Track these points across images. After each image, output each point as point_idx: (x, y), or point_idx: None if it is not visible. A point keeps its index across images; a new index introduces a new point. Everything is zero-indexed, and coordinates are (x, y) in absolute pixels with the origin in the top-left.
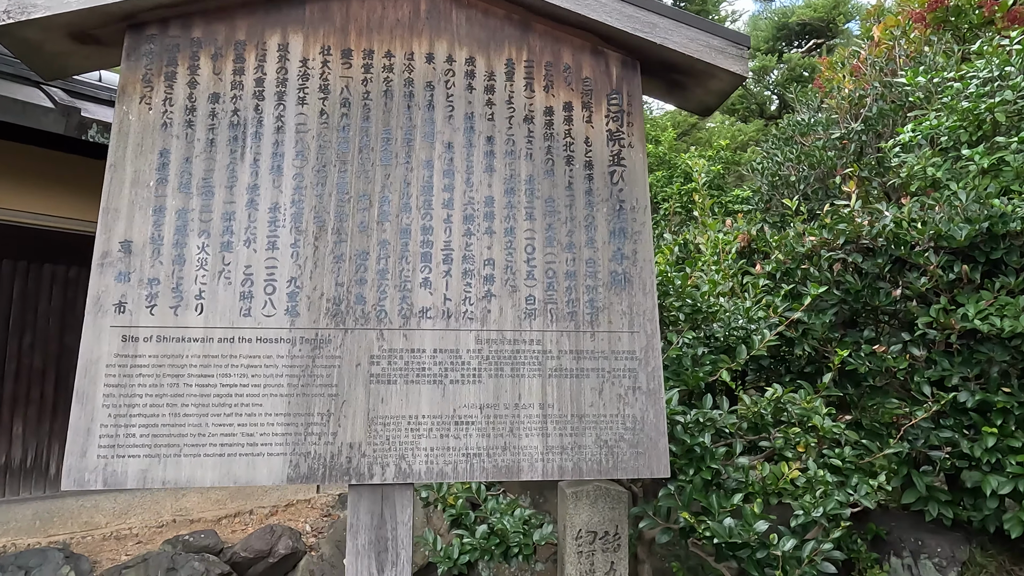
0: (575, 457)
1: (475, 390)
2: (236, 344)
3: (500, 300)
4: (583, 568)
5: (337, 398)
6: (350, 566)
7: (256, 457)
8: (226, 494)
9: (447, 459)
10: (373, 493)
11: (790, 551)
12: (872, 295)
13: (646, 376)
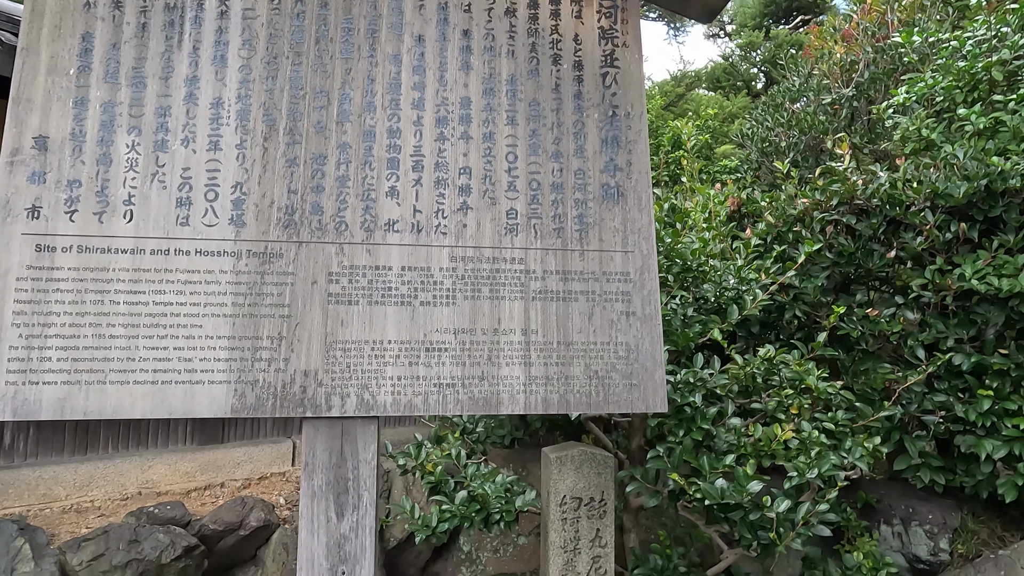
0: (561, 389)
1: (449, 313)
2: (172, 257)
3: (477, 213)
4: (567, 536)
5: (290, 320)
6: (305, 509)
7: (195, 386)
8: (196, 466)
9: (417, 390)
10: (331, 428)
11: (784, 513)
12: (865, 257)
13: (641, 300)
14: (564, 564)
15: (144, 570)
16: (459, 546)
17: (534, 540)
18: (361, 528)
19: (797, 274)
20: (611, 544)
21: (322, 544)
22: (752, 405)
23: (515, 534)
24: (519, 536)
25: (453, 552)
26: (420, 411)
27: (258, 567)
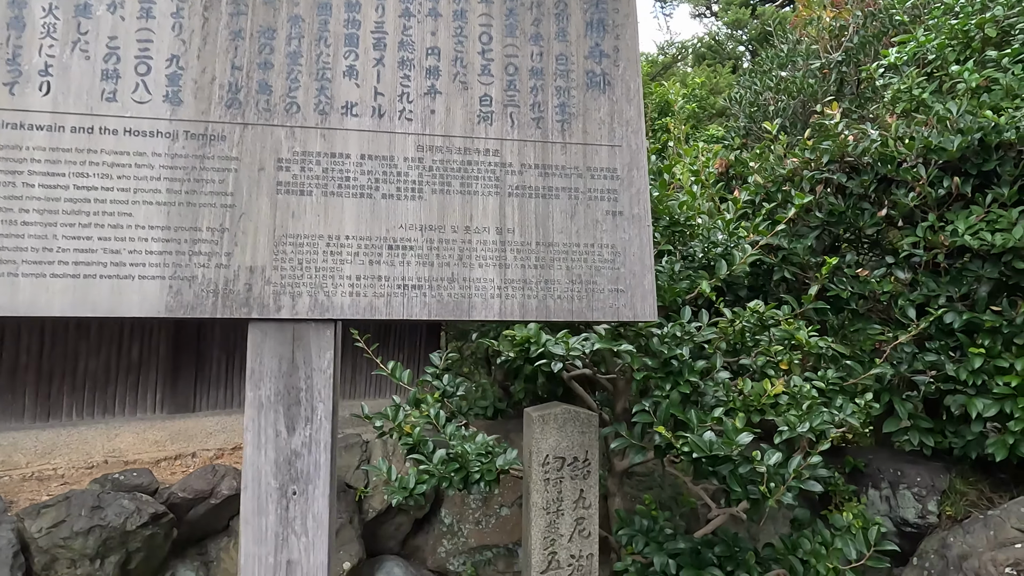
0: (541, 294)
1: (415, 208)
2: (97, 136)
3: (447, 99)
4: (550, 497)
5: (233, 210)
6: (250, 423)
7: (124, 281)
8: (166, 435)
9: (378, 291)
10: (281, 332)
11: (775, 466)
12: (856, 216)
13: (629, 199)
14: (547, 526)
15: (108, 537)
16: (440, 518)
17: (516, 511)
18: (315, 443)
19: (786, 235)
20: (595, 505)
21: (270, 461)
22: (741, 362)
23: (497, 505)
24: (501, 507)
25: (434, 524)
26: (383, 315)
27: (230, 537)
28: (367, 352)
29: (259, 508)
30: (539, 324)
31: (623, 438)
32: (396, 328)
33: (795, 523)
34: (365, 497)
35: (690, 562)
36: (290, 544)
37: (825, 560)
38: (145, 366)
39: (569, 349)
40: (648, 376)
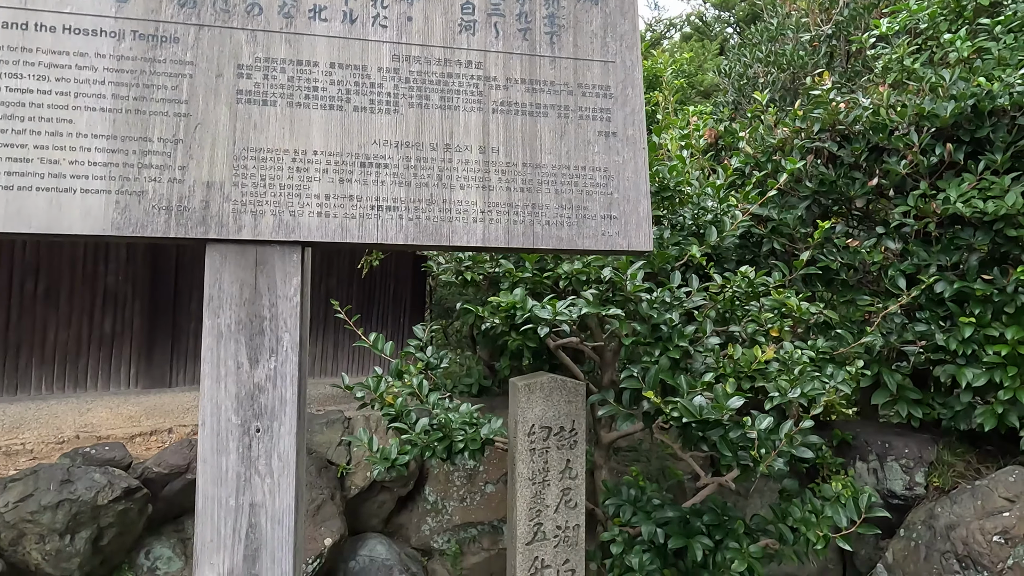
0: (528, 219)
1: (390, 122)
2: (31, 33)
3: (425, 5)
4: (536, 467)
5: (188, 119)
6: (208, 353)
7: (64, 194)
8: (140, 410)
9: (349, 212)
10: (242, 254)
11: (766, 431)
12: (847, 185)
13: (623, 119)
14: (532, 496)
15: (78, 512)
16: (424, 496)
17: (502, 488)
18: (280, 377)
19: (775, 206)
20: (582, 476)
21: (231, 395)
22: (731, 330)
23: (482, 482)
24: (486, 484)
25: (418, 502)
26: (355, 237)
27: None
28: (348, 324)
29: (218, 446)
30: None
31: (611, 405)
32: (379, 302)
33: (783, 494)
34: (347, 474)
35: (678, 531)
36: (253, 485)
37: (815, 528)
38: (119, 339)
39: (556, 314)
40: (637, 342)
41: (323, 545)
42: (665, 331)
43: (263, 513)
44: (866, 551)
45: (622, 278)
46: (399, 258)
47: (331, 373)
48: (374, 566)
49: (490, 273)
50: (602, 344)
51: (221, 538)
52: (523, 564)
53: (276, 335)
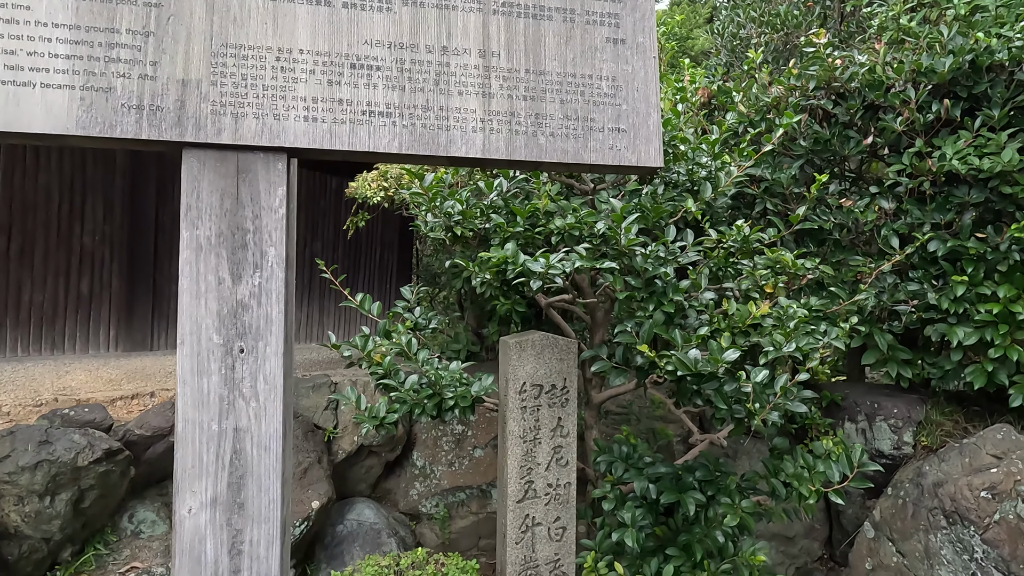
0: (531, 130)
1: (383, 21)
2: None
3: None
4: (527, 425)
5: (160, 9)
6: (187, 267)
7: (22, 89)
8: (121, 373)
9: (339, 117)
10: (223, 161)
11: (761, 384)
12: (841, 144)
13: (633, 25)
14: (523, 455)
15: (57, 473)
16: (412, 461)
17: (491, 452)
18: (265, 294)
19: (769, 165)
20: (573, 434)
21: (212, 313)
22: (725, 286)
23: (471, 446)
24: (475, 448)
25: (406, 467)
26: (345, 144)
27: None
28: (334, 283)
29: (199, 368)
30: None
31: (603, 361)
32: (365, 268)
33: (774, 452)
34: (334, 438)
35: (671, 487)
36: (237, 409)
37: (807, 483)
38: (96, 301)
39: (549, 267)
40: (631, 297)
41: (310, 508)
42: (659, 285)
43: (248, 438)
44: (853, 510)
45: (616, 232)
46: (385, 222)
47: (317, 339)
48: (362, 530)
49: (480, 229)
50: (594, 302)
51: (203, 464)
52: (514, 522)
53: (260, 249)
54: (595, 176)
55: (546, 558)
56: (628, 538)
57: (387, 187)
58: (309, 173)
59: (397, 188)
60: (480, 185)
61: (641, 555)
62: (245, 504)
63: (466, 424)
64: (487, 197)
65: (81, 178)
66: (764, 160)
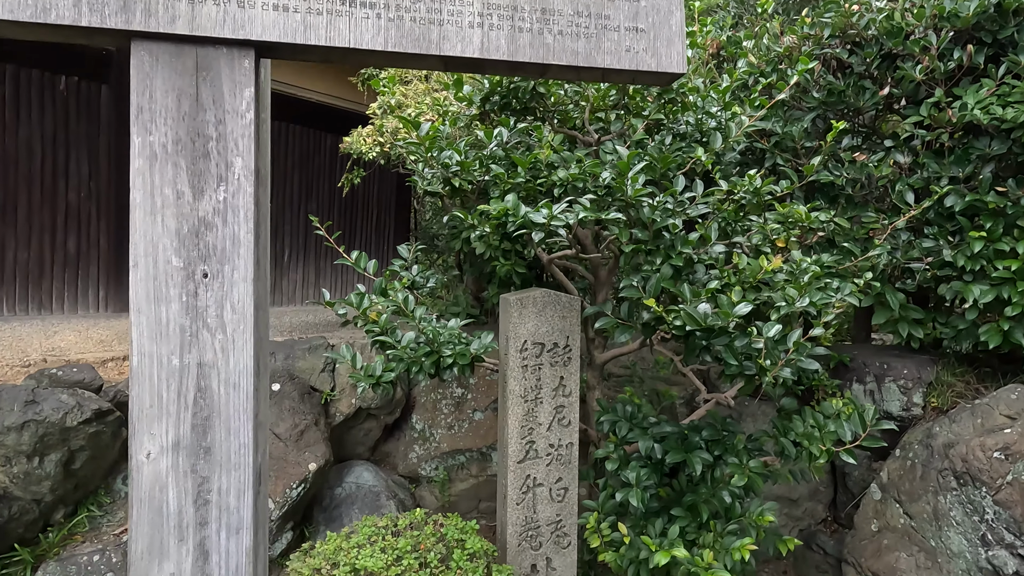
0: (536, 27)
1: None
2: None
3: None
4: (528, 384)
5: None
6: (139, 179)
7: None
8: (112, 334)
9: (314, 6)
10: (179, 56)
11: (774, 339)
12: (856, 95)
13: None
14: (524, 415)
15: (45, 433)
16: (411, 424)
17: (491, 416)
18: (232, 212)
19: (780, 119)
20: (576, 394)
21: (170, 232)
22: (735, 241)
23: (470, 409)
24: (475, 412)
25: (405, 430)
26: (321, 39)
27: None
28: (328, 240)
29: (156, 294)
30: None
31: (608, 318)
32: (362, 229)
33: (782, 412)
34: (332, 400)
35: (677, 446)
36: (201, 341)
37: (817, 442)
38: (84, 260)
39: (551, 218)
40: (637, 250)
41: (307, 470)
42: (667, 238)
43: (215, 375)
44: (859, 472)
45: (622, 182)
46: (382, 182)
47: (312, 301)
48: (360, 492)
49: (479, 182)
50: (597, 258)
51: (163, 404)
52: (514, 482)
53: (225, 159)
54: (599, 127)
55: (547, 519)
56: (633, 498)
57: (383, 142)
58: (303, 130)
59: (392, 143)
60: (479, 135)
61: (645, 516)
62: (212, 449)
63: (466, 387)
64: (487, 148)
65: (64, 133)
66: (774, 113)
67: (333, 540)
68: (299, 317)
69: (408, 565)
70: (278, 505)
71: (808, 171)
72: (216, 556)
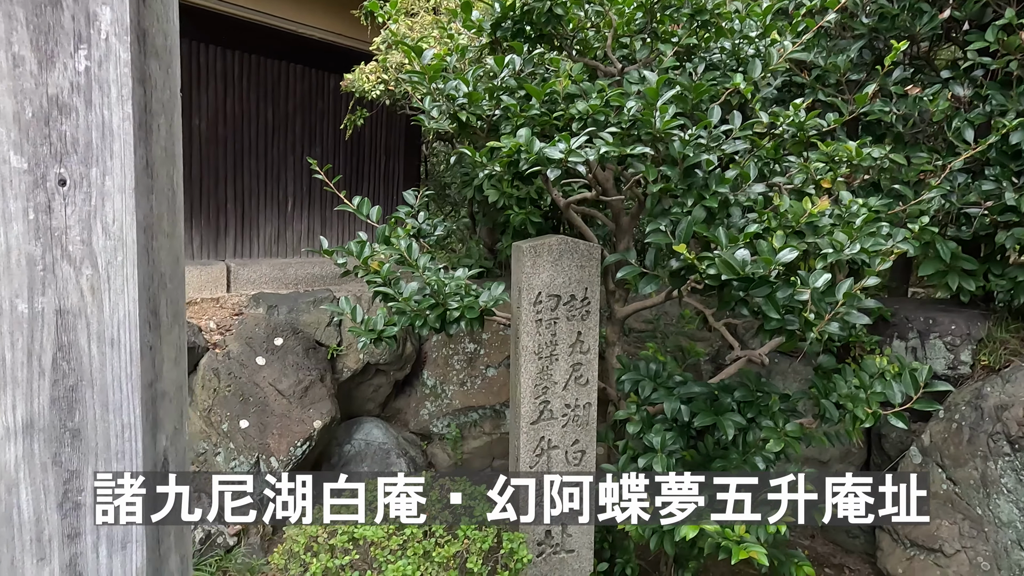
0: None
1: None
2: None
3: None
4: (543, 340)
5: None
6: None
7: None
8: None
9: None
10: None
11: (820, 290)
12: (912, 19)
13: None
14: (538, 373)
15: None
16: (423, 380)
17: (504, 372)
18: (100, 89)
19: (822, 49)
20: (595, 350)
21: (5, 119)
22: (774, 181)
23: (483, 365)
24: (487, 368)
25: (416, 387)
26: None
27: (195, 374)
28: (327, 184)
29: None
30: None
31: (631, 266)
32: (369, 177)
33: (819, 371)
34: (339, 356)
35: (706, 408)
36: (61, 278)
37: (863, 404)
38: None
39: (569, 152)
40: (666, 190)
41: (312, 428)
42: (700, 176)
43: (82, 327)
44: (897, 434)
45: (650, 113)
46: (389, 128)
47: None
48: (370, 450)
49: (488, 116)
50: (619, 201)
51: (7, 369)
52: (527, 444)
53: (85, 9)
54: (623, 55)
55: None
56: (658, 464)
57: (387, 79)
58: (304, 70)
59: (397, 77)
60: (490, 63)
61: None
62: (82, 431)
63: (478, 342)
64: (498, 78)
65: None
66: (816, 43)
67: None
68: (305, 269)
69: (411, 534)
70: (282, 464)
71: (860, 101)
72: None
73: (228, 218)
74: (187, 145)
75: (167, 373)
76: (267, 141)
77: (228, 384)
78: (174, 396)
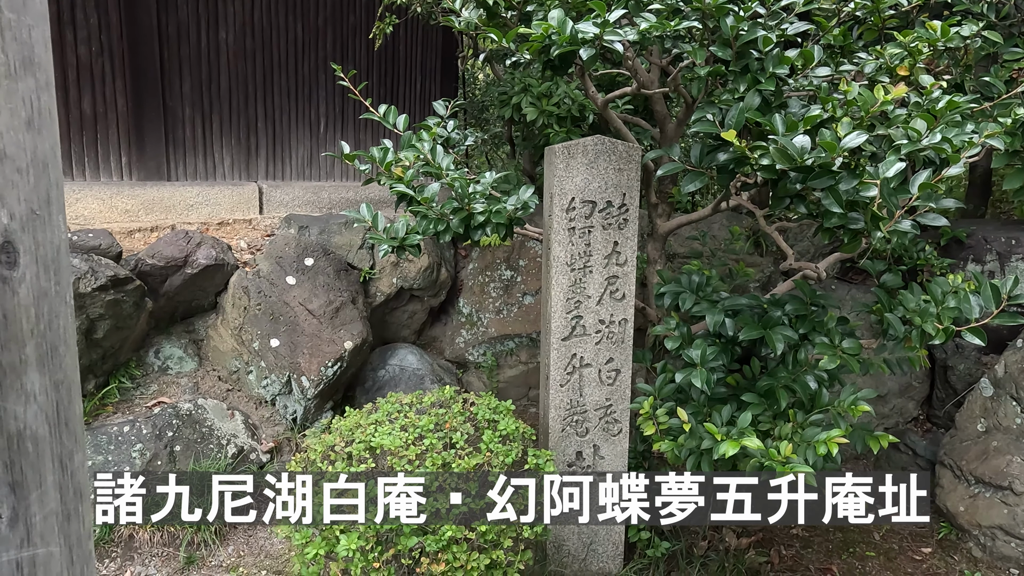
0: None
1: None
2: None
3: None
4: (576, 250)
5: None
6: None
7: None
8: (138, 203)
9: None
10: None
11: (891, 181)
12: None
13: None
14: (571, 285)
15: None
16: (458, 308)
17: (541, 300)
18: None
19: None
20: (632, 263)
21: None
22: (842, 69)
23: (520, 293)
24: (524, 295)
25: (452, 315)
26: None
27: (218, 314)
28: (352, 92)
29: None
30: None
31: (674, 163)
32: (404, 97)
33: (883, 287)
34: (372, 279)
35: (752, 322)
36: None
37: (933, 320)
38: (103, 122)
39: (606, 28)
40: (716, 72)
41: (343, 348)
42: (755, 58)
43: None
44: (965, 366)
45: None
46: (425, 45)
47: (353, 176)
48: (404, 375)
49: (519, 2)
50: (662, 95)
51: None
52: (558, 362)
53: None
54: None
55: (595, 403)
56: (696, 379)
57: None
58: None
59: None
60: None
61: (710, 402)
62: None
63: (515, 269)
64: None
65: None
66: None
67: (352, 416)
68: (339, 194)
69: (430, 445)
70: (313, 383)
71: None
72: None
73: (259, 137)
74: (215, 58)
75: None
76: (297, 57)
77: (258, 303)
78: (71, 348)
